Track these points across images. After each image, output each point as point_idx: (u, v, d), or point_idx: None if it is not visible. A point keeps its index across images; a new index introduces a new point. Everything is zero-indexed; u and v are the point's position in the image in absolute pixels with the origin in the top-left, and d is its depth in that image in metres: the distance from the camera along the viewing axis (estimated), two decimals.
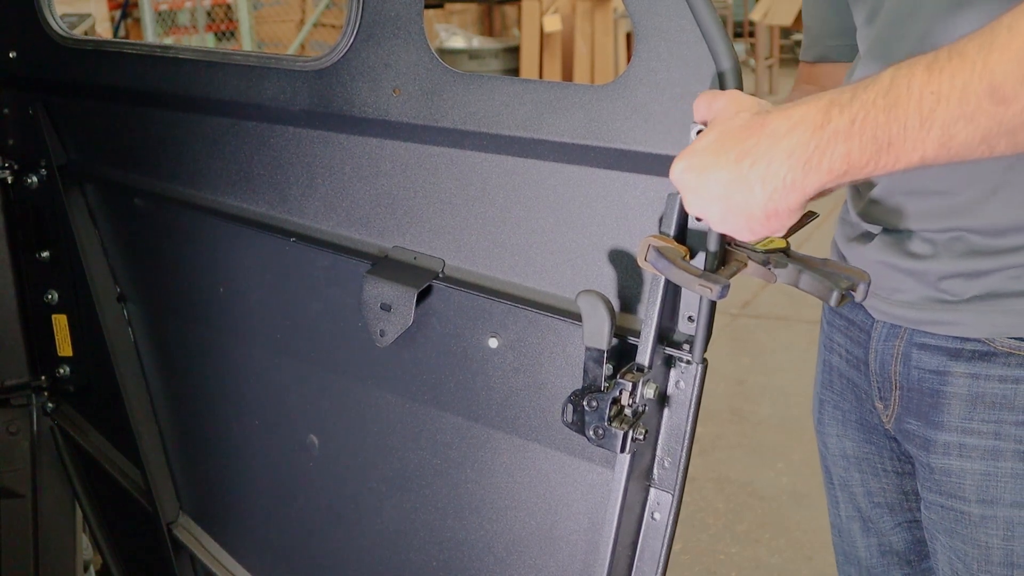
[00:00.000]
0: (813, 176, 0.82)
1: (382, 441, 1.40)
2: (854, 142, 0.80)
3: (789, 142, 0.82)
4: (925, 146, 0.79)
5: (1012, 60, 0.75)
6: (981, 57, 0.76)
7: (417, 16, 1.19)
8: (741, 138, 0.85)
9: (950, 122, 0.77)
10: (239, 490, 1.73)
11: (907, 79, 0.78)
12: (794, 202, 0.85)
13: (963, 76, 0.76)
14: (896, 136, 0.79)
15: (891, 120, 0.79)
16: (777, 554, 3.03)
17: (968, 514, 1.16)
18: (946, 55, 0.78)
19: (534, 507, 1.25)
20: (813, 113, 0.82)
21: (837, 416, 1.38)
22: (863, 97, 0.80)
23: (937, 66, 0.77)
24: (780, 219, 0.87)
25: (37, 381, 2.00)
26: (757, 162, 0.83)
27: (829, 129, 0.80)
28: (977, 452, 1.14)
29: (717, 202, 0.87)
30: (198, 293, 1.65)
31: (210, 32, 8.36)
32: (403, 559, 1.43)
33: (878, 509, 1.37)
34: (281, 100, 1.35)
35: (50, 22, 1.69)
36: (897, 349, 1.20)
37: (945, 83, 0.77)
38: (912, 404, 1.20)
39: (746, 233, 0.90)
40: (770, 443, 3.66)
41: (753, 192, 0.84)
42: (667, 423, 1.09)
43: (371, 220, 1.32)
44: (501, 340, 1.21)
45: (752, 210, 0.86)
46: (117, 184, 1.72)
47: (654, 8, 0.98)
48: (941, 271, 1.12)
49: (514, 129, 1.13)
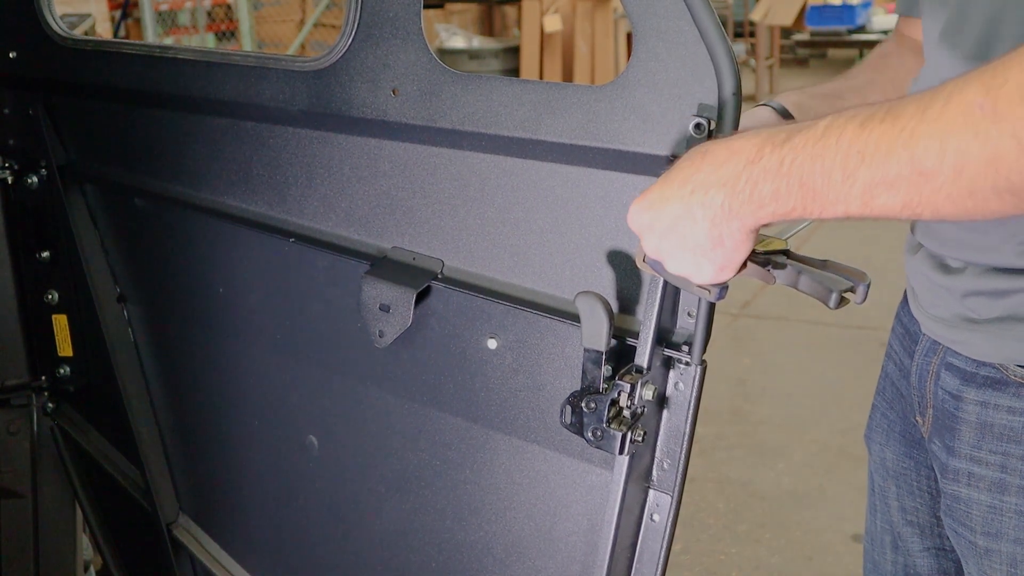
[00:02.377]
0: (747, 207, 0.84)
1: (381, 442, 1.40)
2: (781, 183, 0.81)
3: (724, 171, 0.84)
4: (848, 202, 0.79)
5: (937, 135, 0.73)
6: (912, 124, 0.74)
7: (416, 16, 1.19)
8: (683, 167, 0.88)
9: (871, 184, 0.77)
10: (239, 491, 1.73)
11: (839, 132, 0.78)
12: (736, 230, 0.86)
13: (888, 141, 0.75)
14: (821, 186, 0.79)
15: (816, 170, 0.79)
16: (777, 554, 3.03)
17: (975, 544, 1.13)
18: (883, 114, 0.76)
19: (533, 508, 1.25)
20: (748, 147, 0.83)
21: (883, 424, 1.34)
22: (795, 140, 0.81)
23: (870, 125, 0.77)
24: (726, 250, 0.88)
25: (37, 381, 2.00)
26: (696, 190, 0.86)
27: (760, 165, 0.82)
28: (984, 483, 1.10)
29: (667, 237, 0.89)
30: (198, 293, 1.65)
31: (210, 32, 8.36)
32: (402, 560, 1.43)
33: (909, 528, 1.32)
34: (280, 100, 1.35)
35: (50, 22, 1.69)
36: (933, 365, 1.16)
37: (871, 145, 0.76)
38: (937, 425, 1.16)
39: (696, 271, 0.91)
40: (770, 443, 3.66)
41: (696, 220, 0.86)
42: (666, 425, 1.09)
43: (370, 220, 1.32)
44: (500, 341, 1.21)
45: (699, 240, 0.87)
46: (117, 184, 1.73)
47: (653, 9, 0.98)
48: (966, 287, 1.09)
49: (513, 130, 1.13)
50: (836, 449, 3.59)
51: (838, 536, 3.09)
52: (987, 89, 0.71)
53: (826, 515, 3.21)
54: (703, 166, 0.86)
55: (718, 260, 0.89)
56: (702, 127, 0.96)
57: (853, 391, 4.01)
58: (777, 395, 4.05)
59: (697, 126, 0.96)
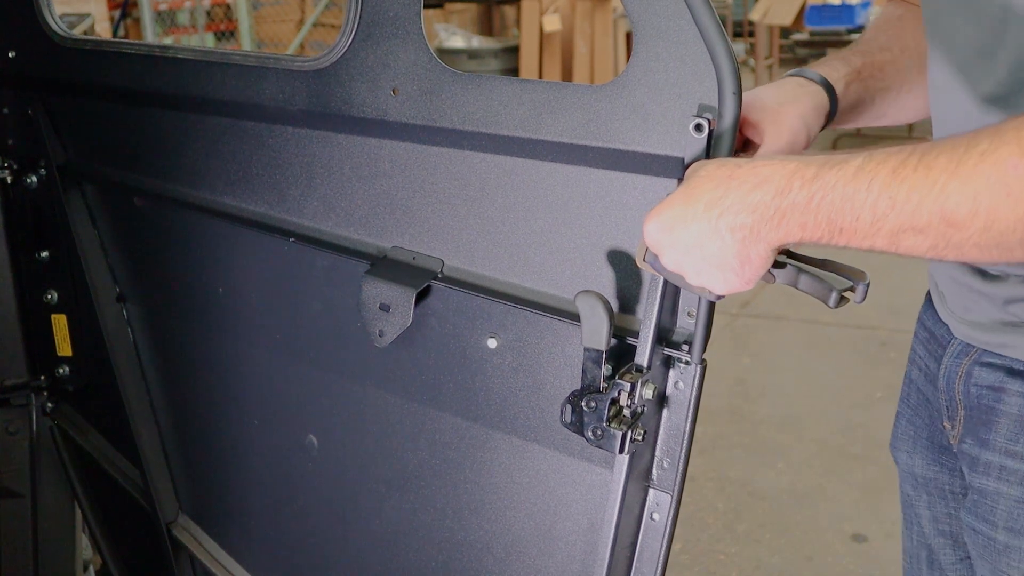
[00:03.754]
0: (775, 233, 0.86)
1: (381, 441, 1.40)
2: (809, 217, 0.83)
3: (754, 197, 0.86)
4: (874, 240, 0.82)
5: (969, 192, 0.75)
6: (944, 177, 0.76)
7: (416, 16, 1.19)
8: (707, 189, 0.89)
9: (899, 229, 0.79)
10: (238, 490, 1.73)
11: (870, 176, 0.80)
12: (763, 250, 0.88)
13: (920, 193, 0.77)
14: (848, 225, 0.82)
15: (845, 209, 0.81)
16: (777, 554, 3.03)
17: (994, 540, 1.12)
18: (915, 161, 0.78)
19: (533, 508, 1.25)
20: (778, 177, 0.85)
21: (909, 432, 1.31)
22: (826, 177, 0.82)
23: (902, 173, 0.78)
24: (753, 267, 0.90)
25: (37, 381, 2.00)
26: (725, 213, 0.87)
27: (789, 198, 0.84)
28: (1016, 477, 1.09)
29: (690, 253, 0.91)
30: (197, 293, 1.65)
31: (209, 32, 8.36)
32: (402, 559, 1.43)
33: (941, 538, 1.29)
34: (280, 100, 1.35)
35: (49, 22, 1.69)
36: (963, 367, 1.15)
37: (902, 193, 0.78)
38: (971, 423, 1.14)
39: (720, 284, 0.93)
40: (770, 443, 3.66)
41: (725, 241, 0.88)
42: (666, 424, 1.09)
43: (370, 220, 1.32)
44: (500, 340, 1.21)
45: (726, 258, 0.89)
46: (116, 184, 1.72)
47: (653, 8, 0.98)
48: (1009, 294, 1.07)
49: (513, 129, 1.13)
50: (836, 449, 3.60)
51: (838, 536, 3.10)
52: (1023, 151, 0.73)
53: (826, 515, 3.21)
54: (729, 191, 0.87)
55: (745, 275, 0.91)
56: (703, 127, 0.96)
57: (853, 391, 4.01)
58: (777, 395, 4.05)
59: (698, 126, 0.96)
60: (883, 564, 2.95)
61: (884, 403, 3.85)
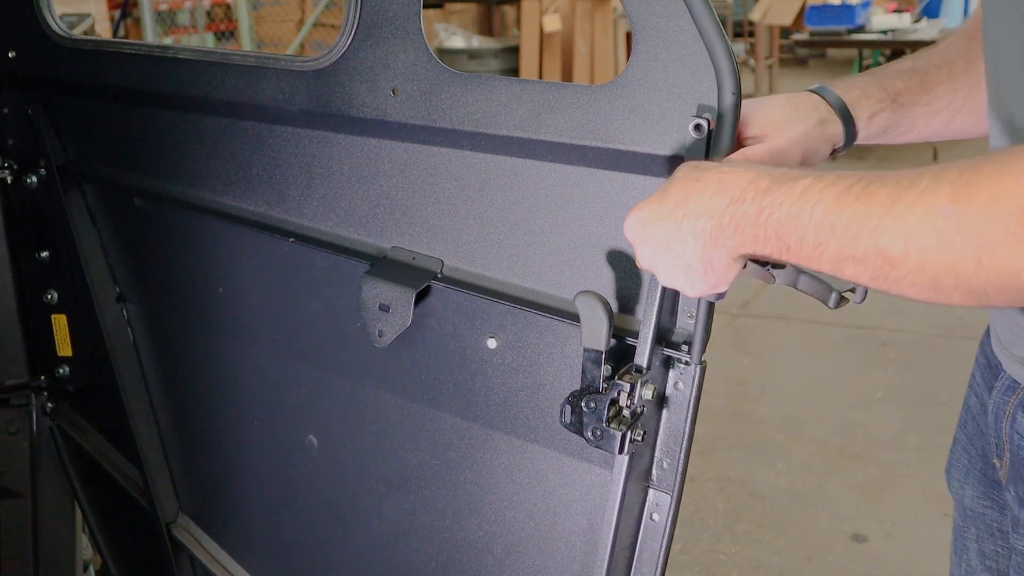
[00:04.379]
0: (732, 240, 0.86)
1: (381, 442, 1.40)
2: (760, 230, 0.82)
3: (713, 203, 0.86)
4: (820, 263, 0.80)
5: (901, 232, 0.72)
6: (880, 211, 0.74)
7: (415, 16, 1.19)
8: (676, 190, 0.89)
9: (840, 257, 0.78)
10: (238, 490, 1.73)
11: (815, 200, 0.78)
12: (724, 256, 0.88)
13: (858, 224, 0.75)
14: (795, 246, 0.80)
15: (790, 228, 0.80)
16: (777, 554, 3.03)
17: None
18: (859, 191, 0.76)
19: (533, 508, 1.25)
20: (735, 185, 0.85)
21: (963, 461, 1.23)
22: (776, 194, 0.81)
23: (845, 201, 0.76)
24: (716, 272, 0.90)
25: (37, 381, 2.00)
26: (688, 215, 0.87)
27: (742, 208, 0.84)
28: None
29: (659, 252, 0.91)
30: (197, 293, 1.65)
31: (210, 32, 8.36)
32: (402, 559, 1.43)
33: (988, 574, 1.21)
34: (279, 100, 1.35)
35: (49, 22, 1.69)
36: (1010, 406, 1.07)
37: (842, 222, 0.76)
38: (1013, 472, 1.05)
39: (688, 287, 0.93)
40: (770, 443, 3.66)
41: (688, 243, 0.88)
42: (666, 424, 1.09)
43: (369, 220, 1.32)
44: (500, 341, 1.21)
45: (689, 261, 0.89)
46: (116, 184, 1.72)
47: (652, 8, 0.98)
48: None
49: (512, 129, 1.13)
50: (836, 449, 3.60)
51: (838, 536, 3.10)
52: (955, 198, 0.70)
53: (826, 515, 3.21)
54: (692, 194, 0.88)
55: (710, 280, 0.91)
56: (702, 127, 0.96)
57: (853, 391, 4.01)
58: (777, 395, 4.05)
59: (697, 126, 0.96)
60: (883, 564, 2.95)
61: (884, 403, 3.85)
